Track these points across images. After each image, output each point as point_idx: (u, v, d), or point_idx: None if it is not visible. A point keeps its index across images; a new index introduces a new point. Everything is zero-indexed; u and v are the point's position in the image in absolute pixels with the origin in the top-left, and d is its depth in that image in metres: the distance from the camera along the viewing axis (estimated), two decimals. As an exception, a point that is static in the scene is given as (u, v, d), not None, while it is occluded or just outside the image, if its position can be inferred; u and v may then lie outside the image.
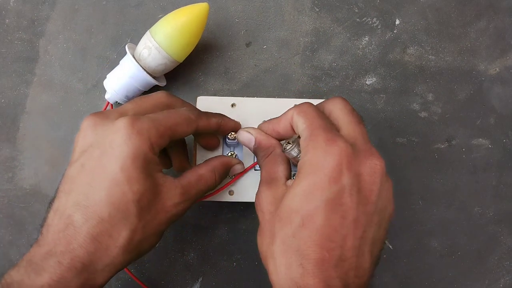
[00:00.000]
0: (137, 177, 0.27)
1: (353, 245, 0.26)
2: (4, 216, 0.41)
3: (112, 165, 0.26)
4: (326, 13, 0.44)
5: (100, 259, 0.26)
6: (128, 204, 0.26)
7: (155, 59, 0.37)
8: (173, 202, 0.29)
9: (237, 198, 0.36)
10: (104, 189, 0.26)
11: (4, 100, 0.42)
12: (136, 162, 0.27)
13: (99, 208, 0.26)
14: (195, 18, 0.36)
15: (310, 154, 0.27)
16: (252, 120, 0.37)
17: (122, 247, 0.27)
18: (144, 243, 0.28)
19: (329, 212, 0.26)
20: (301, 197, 0.26)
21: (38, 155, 0.41)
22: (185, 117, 0.30)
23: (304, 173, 0.27)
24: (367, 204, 0.27)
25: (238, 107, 0.37)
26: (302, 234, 0.26)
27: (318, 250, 0.26)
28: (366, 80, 0.43)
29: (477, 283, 0.42)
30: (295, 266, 0.26)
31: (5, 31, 0.42)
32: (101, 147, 0.27)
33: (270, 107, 0.37)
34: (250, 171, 0.36)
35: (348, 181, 0.26)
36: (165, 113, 0.29)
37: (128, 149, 0.26)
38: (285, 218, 0.27)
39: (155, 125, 0.28)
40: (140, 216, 0.27)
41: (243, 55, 0.43)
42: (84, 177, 0.27)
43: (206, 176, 0.32)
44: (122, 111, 0.29)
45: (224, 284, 0.41)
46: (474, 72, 0.44)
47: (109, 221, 0.26)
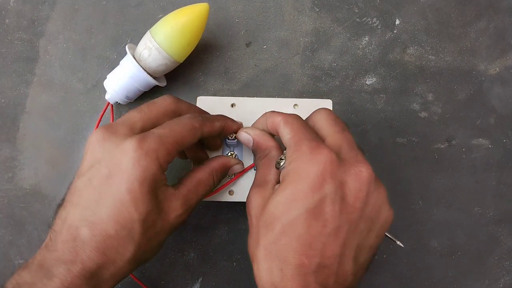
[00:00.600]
0: (143, 199, 0.27)
1: (333, 253, 0.26)
2: (4, 216, 0.41)
3: (120, 186, 0.27)
4: (326, 13, 0.44)
5: (107, 269, 0.28)
6: (133, 223, 0.27)
7: (156, 59, 0.37)
8: (175, 214, 0.30)
9: (237, 198, 0.36)
10: (110, 208, 0.27)
11: (4, 100, 0.42)
12: (143, 184, 0.27)
13: (106, 225, 0.27)
14: (195, 18, 0.36)
15: (294, 163, 0.28)
16: (252, 120, 0.37)
17: (128, 261, 0.28)
18: (148, 253, 0.30)
19: (310, 221, 0.26)
20: (283, 204, 0.27)
21: (38, 155, 0.41)
22: (190, 127, 0.30)
23: (288, 181, 0.27)
24: (351, 212, 0.27)
25: (238, 107, 0.37)
26: (282, 241, 0.27)
27: (297, 256, 0.26)
28: (366, 80, 0.43)
29: (477, 283, 0.42)
30: (276, 271, 0.27)
31: (5, 31, 0.42)
32: (108, 166, 0.28)
33: (270, 107, 0.37)
34: (250, 171, 0.36)
35: (331, 189, 0.26)
36: (172, 127, 0.30)
37: (136, 173, 0.27)
38: (268, 224, 0.27)
39: (163, 143, 0.28)
40: (145, 233, 0.28)
41: (243, 55, 0.43)
42: (91, 193, 0.28)
43: (204, 180, 0.32)
44: (131, 125, 0.30)
45: (224, 284, 0.41)
46: (474, 72, 0.44)
47: (116, 237, 0.27)
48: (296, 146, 0.28)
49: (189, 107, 0.33)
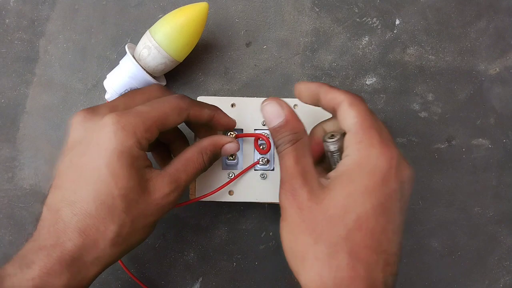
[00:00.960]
0: (122, 173, 0.27)
1: (395, 250, 0.26)
2: (4, 216, 0.41)
3: (98, 161, 0.27)
4: (326, 13, 0.44)
5: (88, 252, 0.27)
6: (114, 199, 0.27)
7: (155, 58, 0.37)
8: (162, 193, 0.28)
9: (237, 198, 0.36)
10: (90, 185, 0.26)
11: (4, 100, 0.42)
12: (121, 158, 0.27)
13: (86, 203, 0.26)
14: (194, 18, 0.36)
15: (364, 153, 0.26)
16: (252, 120, 0.37)
17: (110, 241, 0.27)
18: (134, 236, 0.28)
19: (380, 216, 0.26)
20: (356, 196, 0.26)
21: (38, 155, 0.41)
22: (174, 105, 0.29)
23: (359, 172, 0.26)
24: (404, 211, 0.27)
25: (238, 107, 0.37)
26: (356, 236, 0.25)
27: (369, 253, 0.25)
28: (366, 80, 0.43)
29: (477, 283, 0.42)
30: (346, 268, 0.25)
31: (5, 31, 0.42)
32: (88, 143, 0.27)
33: None
34: (250, 171, 0.36)
35: (396, 187, 0.26)
36: (154, 104, 0.29)
37: (113, 146, 0.27)
38: (337, 216, 0.26)
39: (142, 119, 0.28)
40: (128, 211, 0.27)
41: (243, 55, 0.43)
42: (71, 173, 0.27)
43: (193, 159, 0.30)
44: (112, 106, 0.30)
45: (224, 284, 0.41)
46: (474, 72, 0.44)
47: (96, 216, 0.26)
48: (366, 135, 0.27)
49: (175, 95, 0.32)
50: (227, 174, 0.36)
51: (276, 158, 0.37)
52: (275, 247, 0.41)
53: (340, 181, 0.27)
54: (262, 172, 0.37)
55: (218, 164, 0.36)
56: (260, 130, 0.37)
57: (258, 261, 0.41)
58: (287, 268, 0.41)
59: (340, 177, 0.27)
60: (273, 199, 0.36)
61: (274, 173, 0.37)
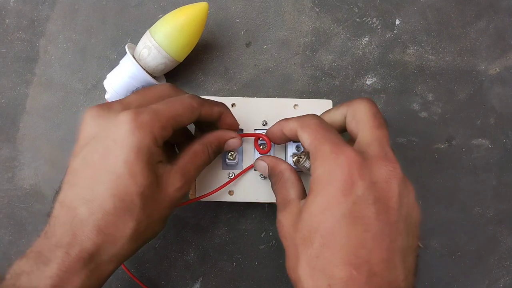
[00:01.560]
0: (140, 171, 0.27)
1: (381, 258, 0.25)
2: (4, 216, 0.41)
3: (115, 159, 0.27)
4: (326, 13, 0.44)
5: (107, 249, 0.27)
6: (132, 196, 0.27)
7: (155, 58, 0.37)
8: (175, 187, 0.29)
9: (237, 198, 0.36)
10: (108, 183, 0.26)
11: (4, 100, 0.42)
12: (139, 156, 0.27)
13: (104, 201, 0.26)
14: (194, 18, 0.36)
15: (319, 169, 0.27)
16: (252, 120, 0.37)
17: (128, 237, 0.27)
18: (150, 230, 0.29)
19: (349, 227, 0.25)
20: (317, 214, 0.26)
21: (38, 155, 0.41)
22: (187, 105, 0.30)
23: (316, 189, 0.26)
24: (388, 213, 0.25)
25: (238, 107, 0.37)
26: (326, 254, 0.25)
27: (345, 268, 0.24)
28: (366, 80, 0.43)
29: (477, 283, 0.42)
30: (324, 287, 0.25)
31: (5, 31, 0.42)
32: (103, 141, 0.27)
33: (270, 107, 0.37)
34: (250, 171, 0.36)
35: (363, 191, 0.25)
36: (168, 103, 0.29)
37: (131, 143, 0.27)
38: (306, 238, 0.26)
39: (157, 117, 0.28)
40: (145, 207, 0.27)
41: (243, 55, 0.43)
42: (87, 171, 0.27)
43: (199, 152, 0.31)
44: (126, 103, 0.29)
45: (224, 284, 0.41)
46: (474, 72, 0.44)
47: (114, 213, 0.26)
48: (318, 150, 0.27)
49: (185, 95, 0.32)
50: (227, 174, 0.36)
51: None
52: (275, 247, 0.41)
53: (307, 203, 0.27)
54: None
55: (218, 164, 0.36)
56: (260, 130, 0.37)
57: (258, 261, 0.41)
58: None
59: (307, 199, 0.27)
60: (273, 199, 0.36)
61: None
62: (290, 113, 0.37)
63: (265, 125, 0.37)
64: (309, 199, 0.27)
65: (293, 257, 0.27)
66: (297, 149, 0.35)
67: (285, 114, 0.37)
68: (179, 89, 0.32)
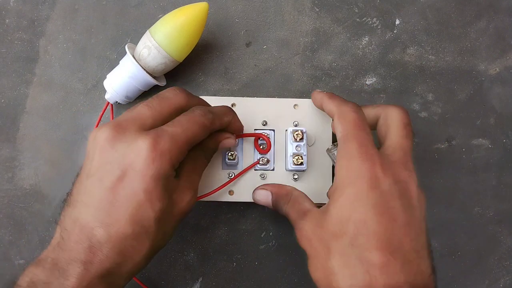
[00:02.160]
0: (158, 197, 0.28)
1: (411, 247, 0.26)
2: (4, 216, 0.41)
3: (135, 187, 0.27)
4: (326, 13, 0.44)
5: (125, 267, 0.28)
6: (150, 222, 0.28)
7: (155, 58, 0.37)
8: (186, 201, 0.30)
9: (237, 198, 0.36)
10: (127, 209, 0.27)
11: (4, 100, 0.42)
12: (158, 183, 0.27)
13: (122, 226, 0.27)
14: (194, 18, 0.36)
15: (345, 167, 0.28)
16: (252, 120, 0.37)
17: (145, 255, 0.28)
18: (162, 243, 0.30)
19: (379, 216, 0.26)
20: (348, 206, 0.27)
21: (38, 155, 0.41)
22: (201, 125, 0.30)
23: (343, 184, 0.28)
24: (413, 208, 0.27)
25: (238, 107, 0.37)
26: (360, 240, 0.26)
27: (382, 253, 0.25)
28: (366, 80, 0.43)
29: (477, 283, 0.42)
30: (361, 274, 0.26)
31: (5, 31, 0.42)
32: (121, 167, 0.27)
33: (270, 107, 0.37)
34: (249, 171, 0.36)
35: (388, 186, 0.27)
36: (183, 124, 0.29)
37: (151, 173, 0.27)
38: (338, 230, 0.27)
39: (176, 143, 0.28)
40: (159, 228, 0.28)
41: (243, 55, 0.43)
42: (104, 194, 0.27)
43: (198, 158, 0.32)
44: (141, 122, 0.29)
45: (224, 284, 0.41)
46: (474, 72, 0.44)
47: (133, 237, 0.27)
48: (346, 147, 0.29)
49: (199, 102, 0.33)
50: (227, 174, 0.36)
51: (276, 158, 0.37)
52: (275, 247, 0.41)
53: (333, 198, 0.28)
54: (262, 172, 0.37)
55: (218, 164, 0.36)
56: (260, 130, 0.37)
57: (258, 261, 0.41)
58: (287, 268, 0.41)
59: (333, 194, 0.29)
60: None
61: (274, 173, 0.37)
62: (290, 113, 0.37)
63: (265, 125, 0.37)
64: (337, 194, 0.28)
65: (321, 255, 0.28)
66: (297, 148, 0.35)
67: (285, 114, 0.37)
68: (192, 96, 0.32)
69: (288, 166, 0.36)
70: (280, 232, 0.42)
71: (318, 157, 0.37)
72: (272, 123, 0.37)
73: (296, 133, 0.35)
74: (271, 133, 0.37)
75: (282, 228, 0.41)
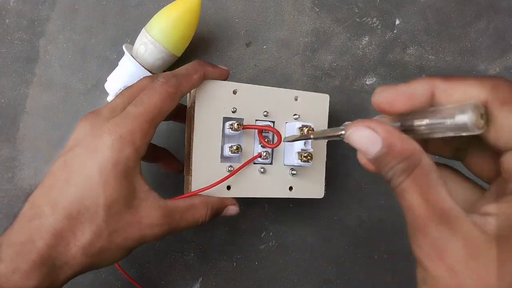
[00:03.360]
0: (113, 183, 0.26)
1: None
2: (4, 216, 0.41)
3: (92, 166, 0.26)
4: (326, 13, 0.44)
5: (58, 254, 0.26)
6: (98, 207, 0.26)
7: (152, 54, 0.37)
8: (150, 221, 0.28)
9: (235, 194, 0.34)
10: (78, 189, 0.26)
11: (4, 100, 0.42)
12: (116, 168, 0.26)
13: (69, 204, 0.26)
14: (188, 10, 0.37)
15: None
16: (253, 109, 0.35)
17: (82, 247, 0.26)
18: (107, 253, 0.27)
19: None
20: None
21: (38, 155, 0.41)
22: (165, 95, 0.28)
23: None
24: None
25: (240, 94, 0.34)
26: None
27: None
28: (366, 80, 0.43)
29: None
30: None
31: (5, 31, 0.42)
32: (84, 147, 0.27)
33: (272, 97, 0.35)
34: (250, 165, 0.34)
35: None
36: (145, 100, 0.28)
37: (110, 155, 0.26)
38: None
39: (138, 123, 0.27)
40: (108, 222, 0.27)
41: (243, 55, 0.43)
42: (63, 173, 0.27)
43: (198, 208, 0.30)
44: (112, 108, 0.29)
45: (224, 284, 0.41)
46: (474, 72, 0.43)
47: (76, 218, 0.26)
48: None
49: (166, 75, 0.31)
50: (226, 168, 0.34)
51: (275, 151, 0.35)
52: (275, 247, 0.41)
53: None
54: (261, 166, 0.35)
55: (217, 157, 0.34)
56: (261, 122, 0.35)
57: (258, 261, 0.41)
58: (287, 268, 0.41)
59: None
60: (272, 194, 0.35)
61: (273, 167, 0.35)
62: (291, 105, 0.36)
63: (266, 115, 0.35)
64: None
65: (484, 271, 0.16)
66: (305, 145, 0.34)
67: (287, 106, 0.36)
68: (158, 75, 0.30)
69: (292, 161, 0.35)
70: (280, 232, 0.42)
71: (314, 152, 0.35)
72: (274, 114, 0.35)
73: (307, 129, 0.34)
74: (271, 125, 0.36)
75: (282, 228, 0.41)
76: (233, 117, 0.34)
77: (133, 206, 0.28)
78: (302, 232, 0.42)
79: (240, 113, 0.34)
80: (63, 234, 0.26)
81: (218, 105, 0.33)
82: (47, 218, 0.26)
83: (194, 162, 0.33)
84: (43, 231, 0.25)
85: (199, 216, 0.31)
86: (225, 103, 0.34)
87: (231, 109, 0.34)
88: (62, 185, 0.26)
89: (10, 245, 0.25)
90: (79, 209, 0.26)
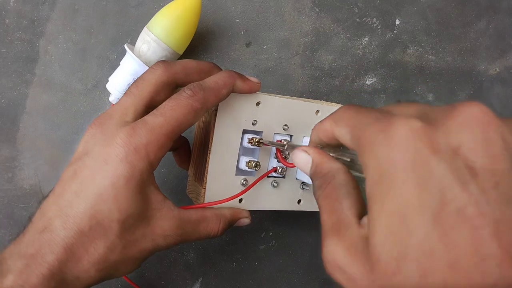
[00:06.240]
0: (127, 197, 0.25)
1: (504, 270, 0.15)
2: (4, 216, 0.41)
3: (104, 180, 0.25)
4: (326, 13, 0.44)
5: (70, 270, 0.25)
6: (111, 222, 0.25)
7: (155, 52, 0.37)
8: (163, 232, 0.27)
9: (247, 206, 0.33)
10: (90, 202, 0.25)
11: (4, 100, 0.42)
12: (130, 182, 0.25)
13: (80, 219, 0.25)
14: (190, 7, 0.37)
15: (372, 163, 0.18)
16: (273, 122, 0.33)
17: (95, 263, 0.25)
18: (121, 265, 0.27)
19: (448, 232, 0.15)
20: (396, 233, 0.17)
21: (38, 155, 0.41)
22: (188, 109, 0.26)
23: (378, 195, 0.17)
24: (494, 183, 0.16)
25: (262, 105, 0.32)
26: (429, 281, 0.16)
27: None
28: (366, 80, 0.43)
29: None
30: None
31: (5, 31, 0.42)
32: (96, 158, 0.26)
33: (294, 109, 0.34)
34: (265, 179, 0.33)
35: (444, 167, 0.16)
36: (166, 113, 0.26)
37: (123, 168, 0.25)
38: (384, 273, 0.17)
39: (155, 136, 0.26)
40: (122, 236, 0.26)
41: (243, 55, 0.43)
42: (73, 184, 0.26)
43: (210, 221, 0.30)
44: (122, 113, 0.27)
45: (224, 284, 0.41)
46: (474, 72, 0.44)
47: (88, 234, 0.25)
48: (361, 139, 0.19)
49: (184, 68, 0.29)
50: (240, 181, 0.33)
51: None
52: (275, 247, 0.41)
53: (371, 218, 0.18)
54: (274, 180, 0.34)
55: (232, 169, 0.32)
56: (279, 135, 0.34)
57: (258, 261, 0.41)
58: (287, 268, 0.41)
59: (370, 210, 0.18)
60: (282, 207, 0.35)
61: (285, 181, 0.34)
62: (311, 119, 0.34)
63: (285, 129, 0.33)
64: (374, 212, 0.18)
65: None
66: None
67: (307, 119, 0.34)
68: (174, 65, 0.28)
69: (304, 177, 0.34)
70: (280, 232, 0.42)
71: None
72: (294, 128, 0.34)
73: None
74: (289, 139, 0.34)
75: (282, 228, 0.41)
76: (252, 129, 0.32)
77: (147, 217, 0.27)
78: (302, 232, 0.42)
79: (260, 126, 0.32)
80: (74, 250, 0.25)
81: (240, 117, 0.32)
82: (58, 233, 0.25)
83: (209, 174, 0.31)
84: (54, 245, 0.25)
85: (211, 230, 0.30)
86: (247, 115, 0.32)
87: (251, 122, 0.32)
88: (72, 198, 0.25)
89: (21, 257, 0.24)
90: (91, 225, 0.25)
